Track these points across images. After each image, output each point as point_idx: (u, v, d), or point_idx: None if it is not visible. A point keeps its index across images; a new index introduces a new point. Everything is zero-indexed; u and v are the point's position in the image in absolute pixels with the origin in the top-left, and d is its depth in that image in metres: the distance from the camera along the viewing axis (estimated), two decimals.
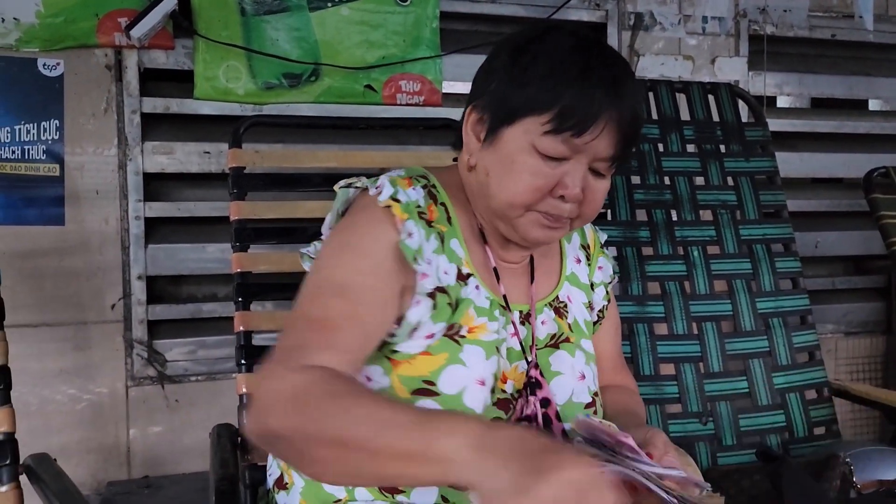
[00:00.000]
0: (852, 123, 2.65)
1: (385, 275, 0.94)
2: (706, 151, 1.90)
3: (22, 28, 1.86)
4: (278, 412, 0.81)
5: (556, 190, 0.95)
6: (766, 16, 2.51)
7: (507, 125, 0.96)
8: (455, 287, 0.98)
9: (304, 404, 0.80)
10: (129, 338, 1.97)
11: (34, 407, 1.89)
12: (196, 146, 2.02)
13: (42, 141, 1.90)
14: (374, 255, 0.94)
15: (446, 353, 0.95)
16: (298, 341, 0.88)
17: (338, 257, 0.95)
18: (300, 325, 0.91)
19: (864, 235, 2.59)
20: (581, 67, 0.93)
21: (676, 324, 1.72)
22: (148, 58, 1.97)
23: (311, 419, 0.78)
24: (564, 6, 2.27)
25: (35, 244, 1.88)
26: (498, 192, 0.97)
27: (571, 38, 0.96)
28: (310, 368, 0.83)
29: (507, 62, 0.97)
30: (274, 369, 0.85)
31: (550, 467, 0.68)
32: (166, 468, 1.99)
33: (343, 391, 0.81)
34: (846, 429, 2.46)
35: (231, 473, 1.18)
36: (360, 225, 0.97)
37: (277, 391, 0.82)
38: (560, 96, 0.92)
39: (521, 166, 0.95)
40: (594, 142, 0.93)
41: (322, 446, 0.78)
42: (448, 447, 0.72)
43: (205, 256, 2.03)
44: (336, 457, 0.78)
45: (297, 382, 0.81)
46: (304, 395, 0.80)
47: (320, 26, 2.06)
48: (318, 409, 0.79)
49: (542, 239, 1.01)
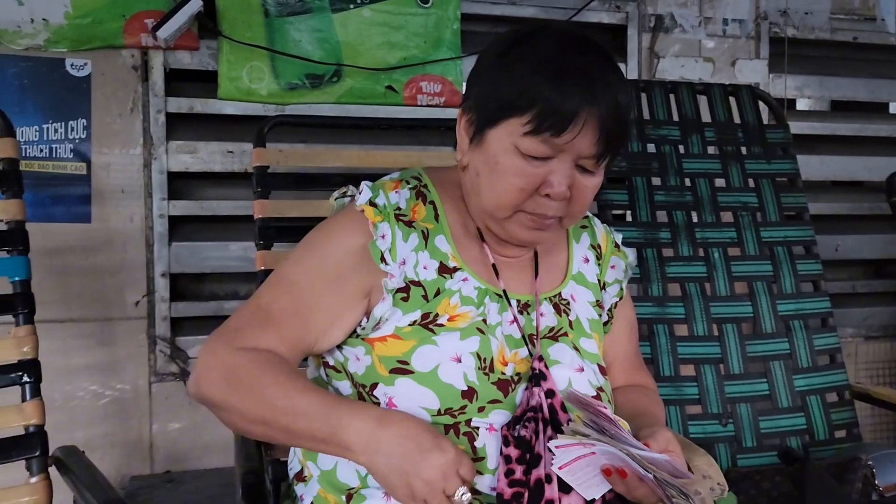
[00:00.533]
0: (874, 126, 2.63)
1: (338, 282, 1.01)
2: (727, 153, 1.89)
3: (51, 29, 1.89)
4: (212, 384, 0.95)
5: (541, 189, 0.97)
6: (786, 18, 2.50)
7: (491, 127, 0.98)
8: (434, 281, 1.02)
9: (235, 383, 0.94)
10: (152, 334, 2.00)
11: (59, 402, 1.92)
12: (219, 146, 2.04)
13: (69, 140, 1.93)
14: (333, 262, 1.02)
15: (416, 338, 1.00)
16: (243, 324, 0.99)
17: (302, 255, 1.04)
18: (251, 309, 1.01)
19: (885, 239, 2.57)
20: (558, 67, 0.94)
21: (697, 325, 1.72)
22: (173, 58, 2.00)
23: (239, 398, 0.94)
24: (585, 8, 2.28)
25: (62, 241, 1.92)
26: (486, 192, 1.00)
27: (554, 39, 0.97)
28: (246, 350, 0.96)
29: (492, 63, 1.00)
30: (215, 344, 0.97)
31: (420, 470, 0.87)
32: (188, 463, 2.01)
33: (269, 377, 0.94)
34: (867, 432, 2.45)
35: (256, 467, 1.19)
36: (330, 229, 1.06)
37: (214, 364, 0.96)
38: (537, 97, 0.93)
39: (505, 167, 0.97)
40: (575, 140, 0.94)
41: (248, 422, 0.95)
42: (346, 439, 0.90)
43: (227, 254, 2.06)
44: (262, 432, 0.95)
45: (232, 361, 0.95)
46: (235, 374, 0.94)
47: (342, 28, 2.08)
48: (246, 391, 0.93)
49: (530, 240, 1.04)
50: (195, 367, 0.98)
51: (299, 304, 1.00)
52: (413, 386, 0.98)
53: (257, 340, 0.97)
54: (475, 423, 0.98)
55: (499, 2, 2.25)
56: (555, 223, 1.02)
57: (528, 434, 0.97)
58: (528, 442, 0.96)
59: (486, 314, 1.03)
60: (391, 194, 1.05)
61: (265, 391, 0.93)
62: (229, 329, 0.99)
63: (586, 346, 1.11)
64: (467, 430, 0.98)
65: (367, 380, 1.00)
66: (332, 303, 1.01)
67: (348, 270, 1.01)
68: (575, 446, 0.91)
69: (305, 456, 1.07)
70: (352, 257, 1.02)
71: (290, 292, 1.01)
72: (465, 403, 0.98)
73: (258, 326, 0.98)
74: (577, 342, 1.10)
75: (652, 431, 0.97)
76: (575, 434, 0.93)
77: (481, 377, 0.99)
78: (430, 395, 0.97)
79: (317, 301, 1.00)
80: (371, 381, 1.00)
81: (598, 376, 1.10)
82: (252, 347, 0.96)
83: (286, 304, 1.00)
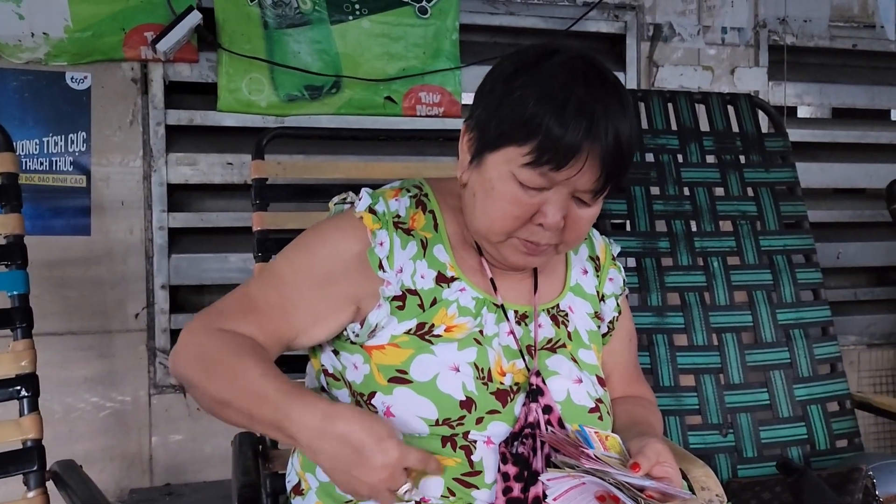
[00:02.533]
0: (874, 133, 2.63)
1: (325, 284, 1.01)
2: (726, 162, 1.89)
3: (51, 42, 1.90)
4: (187, 362, 0.97)
5: (535, 218, 0.97)
6: (785, 26, 2.51)
7: (491, 151, 0.98)
8: (431, 290, 1.02)
9: (205, 362, 0.95)
10: (152, 346, 2.00)
11: (59, 414, 1.92)
12: (219, 157, 2.05)
13: (69, 153, 1.94)
14: (323, 264, 1.02)
15: (413, 348, 1.00)
16: (227, 308, 1.01)
17: (295, 253, 1.05)
18: (238, 296, 1.03)
19: (886, 246, 2.57)
20: (563, 99, 0.92)
21: (696, 335, 1.71)
22: (173, 71, 2.01)
23: (207, 376, 0.95)
24: (583, 18, 2.28)
25: (62, 254, 1.92)
26: (480, 215, 1.01)
27: (563, 67, 0.95)
28: (223, 332, 0.97)
29: (499, 85, 0.98)
30: (197, 323, 0.99)
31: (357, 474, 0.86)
32: (188, 476, 2.01)
33: (239, 359, 0.94)
34: (869, 441, 2.43)
35: (253, 481, 1.20)
36: (325, 230, 1.06)
37: (192, 342, 0.98)
38: (539, 129, 0.92)
39: (501, 193, 0.97)
40: (575, 176, 0.94)
41: (212, 401, 0.95)
42: (292, 432, 0.89)
43: (227, 266, 2.06)
44: (222, 411, 0.96)
45: (208, 341, 0.97)
46: (208, 354, 0.96)
47: (341, 39, 2.09)
48: (215, 371, 0.94)
49: (521, 264, 1.05)
50: (177, 344, 0.99)
51: (283, 300, 1.01)
52: (411, 395, 0.98)
53: (237, 325, 0.98)
54: (473, 437, 0.98)
55: (498, 12, 2.25)
56: (550, 249, 1.02)
57: (525, 451, 0.96)
58: (526, 459, 0.96)
59: (484, 325, 1.03)
60: (391, 202, 1.05)
61: (231, 372, 0.94)
62: (213, 311, 1.01)
63: (585, 358, 1.11)
64: (464, 443, 0.97)
65: (366, 388, 1.00)
66: (315, 304, 1.01)
67: (337, 274, 1.02)
68: (565, 478, 0.91)
69: (303, 468, 1.06)
70: (343, 262, 1.02)
71: (276, 287, 1.02)
72: (464, 414, 0.97)
73: (241, 313, 1.00)
74: (576, 353, 1.10)
75: (642, 446, 0.95)
76: (564, 466, 0.93)
77: (480, 387, 0.99)
78: (428, 404, 0.97)
79: (301, 300, 1.01)
80: (369, 390, 1.00)
81: (597, 387, 1.10)
82: (231, 330, 0.98)
83: (272, 297, 1.01)
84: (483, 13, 2.24)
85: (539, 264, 1.08)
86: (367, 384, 1.00)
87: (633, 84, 2.35)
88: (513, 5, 2.25)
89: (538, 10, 2.28)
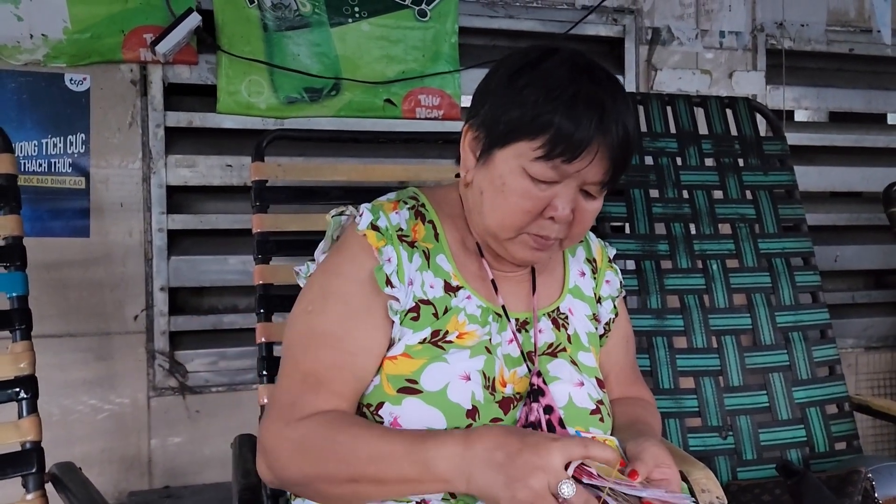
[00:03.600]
0: (871, 137, 2.64)
1: (368, 314, 1.00)
2: (724, 165, 1.90)
3: (50, 44, 1.90)
4: (290, 466, 0.93)
5: (546, 212, 0.98)
6: (783, 30, 2.51)
7: (500, 147, 0.99)
8: (442, 298, 1.03)
9: (311, 455, 0.92)
10: (151, 349, 1.99)
11: (57, 417, 1.91)
12: (218, 159, 2.05)
13: (68, 154, 1.94)
14: (357, 298, 1.00)
15: (427, 357, 0.99)
16: (293, 398, 0.97)
17: (324, 304, 1.01)
18: (294, 379, 0.98)
19: (883, 249, 2.57)
20: (572, 94, 0.94)
21: (696, 337, 1.71)
22: (172, 73, 2.01)
23: (321, 466, 0.91)
24: (582, 21, 2.29)
25: (60, 255, 1.92)
26: (490, 212, 1.01)
27: (566, 64, 0.97)
28: (306, 419, 0.94)
29: (503, 84, 0.99)
30: (274, 426, 0.95)
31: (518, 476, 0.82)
32: (187, 478, 2.00)
33: (342, 434, 0.92)
34: (868, 444, 2.44)
35: (254, 483, 1.19)
36: (341, 267, 1.03)
37: (282, 444, 0.94)
38: (550, 123, 0.94)
39: (512, 189, 0.98)
40: (585, 168, 0.96)
41: (337, 485, 0.92)
42: (439, 472, 0.87)
43: (226, 268, 2.06)
44: (352, 491, 0.92)
45: (298, 434, 0.93)
46: (309, 446, 0.92)
47: (341, 42, 2.09)
48: (324, 456, 0.91)
49: (531, 260, 1.06)
50: (266, 456, 0.95)
51: (343, 355, 0.98)
52: (421, 406, 0.97)
53: (316, 405, 0.95)
54: None
55: (497, 15, 2.26)
56: (555, 244, 1.03)
57: None
58: None
59: (491, 334, 1.04)
60: (392, 215, 1.05)
61: (344, 448, 0.90)
62: (282, 406, 0.97)
63: (584, 360, 1.11)
64: None
65: (374, 399, 1.00)
66: (370, 337, 1.00)
67: (371, 299, 1.00)
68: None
69: None
70: (369, 284, 1.01)
71: (328, 346, 0.98)
72: (470, 423, 0.97)
73: (311, 391, 0.96)
74: (576, 356, 1.10)
75: (639, 451, 0.94)
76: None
77: (487, 396, 0.99)
78: (437, 414, 0.97)
79: (357, 344, 0.99)
80: (377, 401, 0.99)
81: (598, 390, 1.10)
82: (312, 414, 0.94)
83: (330, 359, 0.98)
84: (482, 16, 2.24)
85: (545, 259, 1.09)
86: (375, 395, 1.00)
87: (631, 87, 2.35)
88: (512, 8, 2.26)
89: (537, 13, 2.28)
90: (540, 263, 1.11)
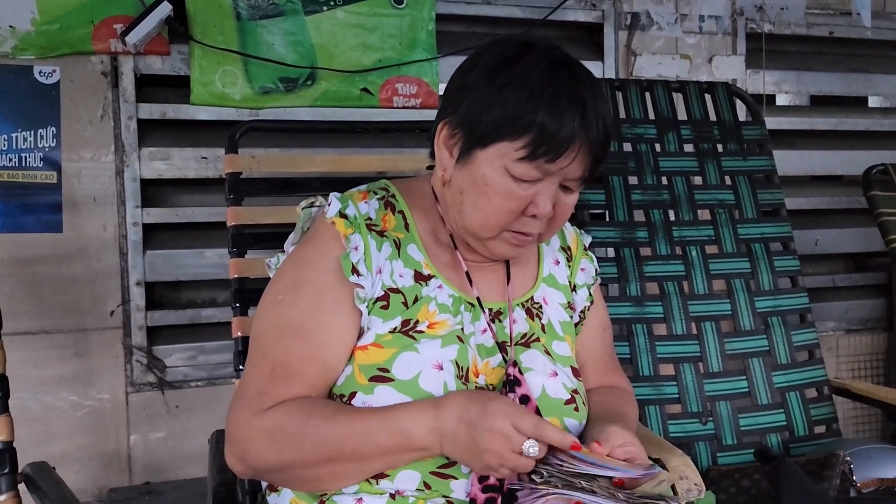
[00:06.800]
0: (851, 120, 2.64)
1: (338, 305, 0.99)
2: (703, 151, 1.89)
3: (18, 36, 1.86)
4: (264, 454, 0.93)
5: (528, 209, 0.99)
6: (763, 14, 2.51)
7: (481, 148, 0.98)
8: (412, 288, 1.02)
9: (286, 440, 0.92)
10: (128, 344, 1.97)
11: (35, 414, 1.89)
12: (193, 152, 2.02)
13: (39, 148, 1.90)
14: (327, 288, 1.00)
15: (398, 346, 0.99)
16: (262, 388, 0.96)
17: (295, 296, 1.00)
18: (264, 370, 0.98)
19: (863, 232, 2.58)
20: (553, 92, 0.94)
21: (675, 324, 1.71)
22: (144, 64, 1.97)
23: (297, 451, 0.92)
24: (561, 6, 2.27)
25: (33, 251, 1.89)
26: (472, 212, 1.01)
27: (544, 60, 0.97)
28: (277, 407, 0.94)
29: (481, 82, 0.98)
30: (243, 415, 0.95)
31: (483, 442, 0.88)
32: (167, 474, 1.99)
33: (315, 416, 0.93)
34: (847, 427, 2.46)
35: (229, 480, 1.18)
36: (310, 258, 1.02)
37: (253, 433, 0.94)
38: (533, 123, 0.94)
39: (495, 189, 0.97)
40: (568, 166, 0.96)
41: (314, 468, 0.93)
42: (415, 439, 0.91)
43: (203, 262, 2.03)
44: (329, 471, 0.93)
45: (269, 422, 0.93)
46: (283, 432, 0.93)
47: (316, 30, 2.06)
48: (299, 440, 0.92)
49: (510, 255, 1.07)
50: (232, 445, 0.95)
51: (312, 346, 0.98)
52: (392, 394, 0.97)
53: (286, 394, 0.95)
54: None
55: (474, 2, 2.23)
56: (534, 238, 1.03)
57: None
58: None
59: (463, 323, 1.03)
60: (360, 205, 1.05)
61: (319, 430, 0.92)
62: (251, 396, 0.96)
63: (558, 350, 1.11)
64: None
65: (346, 389, 0.99)
66: (340, 327, 0.99)
67: (340, 288, 1.00)
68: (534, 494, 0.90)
69: None
70: (338, 274, 1.00)
71: (298, 337, 0.98)
72: None
73: (281, 382, 0.96)
74: (550, 346, 1.10)
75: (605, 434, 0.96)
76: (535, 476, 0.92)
77: (459, 386, 0.99)
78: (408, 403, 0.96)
79: (327, 334, 0.99)
80: (350, 391, 0.99)
81: (572, 379, 1.09)
82: (280, 399, 0.95)
83: (299, 350, 0.98)
84: (459, 3, 2.22)
85: (523, 254, 1.09)
86: (347, 385, 0.99)
87: (611, 73, 2.34)
88: None
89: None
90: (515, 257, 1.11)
